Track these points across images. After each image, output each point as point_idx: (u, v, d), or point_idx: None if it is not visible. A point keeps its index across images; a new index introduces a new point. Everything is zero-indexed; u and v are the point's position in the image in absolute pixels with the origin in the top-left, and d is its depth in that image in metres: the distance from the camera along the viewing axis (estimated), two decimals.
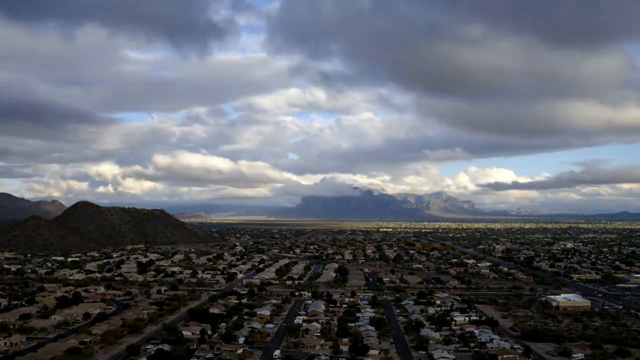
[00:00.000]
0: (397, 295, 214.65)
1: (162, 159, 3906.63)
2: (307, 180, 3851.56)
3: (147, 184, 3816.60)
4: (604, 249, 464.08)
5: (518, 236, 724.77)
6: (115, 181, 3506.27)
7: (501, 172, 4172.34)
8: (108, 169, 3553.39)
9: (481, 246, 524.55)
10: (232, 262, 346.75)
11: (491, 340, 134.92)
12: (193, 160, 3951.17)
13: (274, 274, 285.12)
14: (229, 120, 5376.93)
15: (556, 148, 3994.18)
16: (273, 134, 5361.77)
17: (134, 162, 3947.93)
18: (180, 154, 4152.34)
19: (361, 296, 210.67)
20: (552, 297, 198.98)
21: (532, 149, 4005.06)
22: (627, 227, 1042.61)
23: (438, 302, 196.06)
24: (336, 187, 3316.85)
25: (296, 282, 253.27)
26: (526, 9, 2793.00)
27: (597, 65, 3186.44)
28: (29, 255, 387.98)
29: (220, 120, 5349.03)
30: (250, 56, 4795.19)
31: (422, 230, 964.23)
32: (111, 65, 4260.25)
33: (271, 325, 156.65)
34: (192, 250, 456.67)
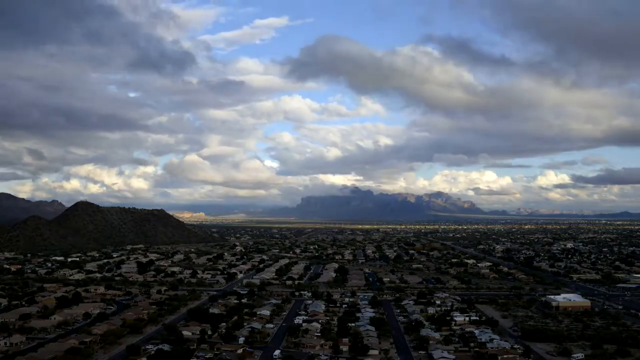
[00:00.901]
0: (397, 295, 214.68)
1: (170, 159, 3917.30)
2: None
3: (148, 183, 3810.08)
4: (604, 249, 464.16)
5: (518, 236, 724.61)
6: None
7: (501, 171, 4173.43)
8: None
9: (481, 246, 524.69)
10: (232, 262, 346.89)
11: (491, 340, 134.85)
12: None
13: (274, 274, 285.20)
14: None
15: (557, 150, 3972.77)
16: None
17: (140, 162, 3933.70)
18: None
19: (361, 296, 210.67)
20: (552, 297, 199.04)
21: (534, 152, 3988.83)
22: (627, 227, 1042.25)
23: (438, 302, 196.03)
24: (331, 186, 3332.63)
25: (296, 282, 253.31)
26: None
27: None
28: (29, 255, 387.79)
29: None
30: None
31: (422, 230, 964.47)
32: None
33: (271, 325, 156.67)
34: (192, 250, 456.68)
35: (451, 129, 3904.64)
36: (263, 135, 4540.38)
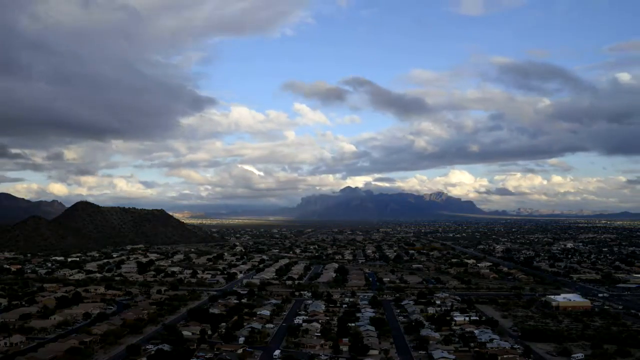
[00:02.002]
0: (397, 295, 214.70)
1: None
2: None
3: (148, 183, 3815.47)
4: (604, 249, 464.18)
5: (518, 236, 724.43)
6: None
7: (501, 170, 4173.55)
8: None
9: (481, 246, 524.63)
10: (232, 262, 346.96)
11: (491, 340, 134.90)
12: None
13: (274, 274, 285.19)
14: None
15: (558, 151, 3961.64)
16: None
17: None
18: None
19: (361, 296, 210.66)
20: (552, 297, 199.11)
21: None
22: (627, 227, 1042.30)
23: (438, 302, 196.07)
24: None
25: (296, 282, 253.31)
26: None
27: None
28: (29, 255, 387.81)
29: None
30: None
31: (422, 230, 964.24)
32: None
33: (271, 325, 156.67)
34: (192, 250, 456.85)
35: None
36: None
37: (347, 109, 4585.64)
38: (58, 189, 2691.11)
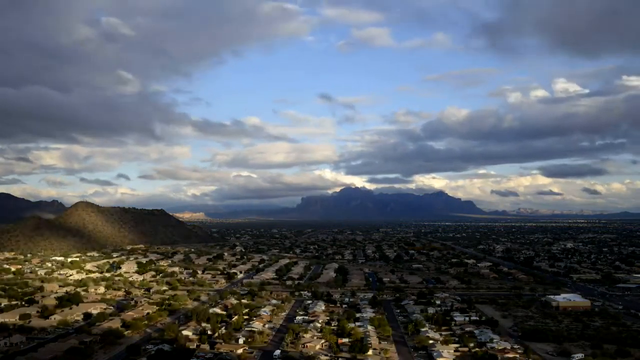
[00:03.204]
0: (397, 295, 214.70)
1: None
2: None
3: (149, 183, 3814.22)
4: (604, 249, 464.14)
5: (518, 236, 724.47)
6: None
7: (501, 171, 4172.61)
8: None
9: (481, 246, 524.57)
10: (232, 262, 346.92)
11: (491, 340, 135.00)
12: None
13: (274, 274, 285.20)
14: None
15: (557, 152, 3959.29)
16: None
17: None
18: None
19: (361, 296, 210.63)
20: (552, 297, 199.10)
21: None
22: (627, 227, 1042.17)
23: (438, 302, 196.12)
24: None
25: (296, 282, 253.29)
26: None
27: None
28: (29, 255, 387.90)
29: None
30: None
31: (422, 230, 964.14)
32: None
33: (271, 325, 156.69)
34: (192, 250, 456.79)
35: None
36: None
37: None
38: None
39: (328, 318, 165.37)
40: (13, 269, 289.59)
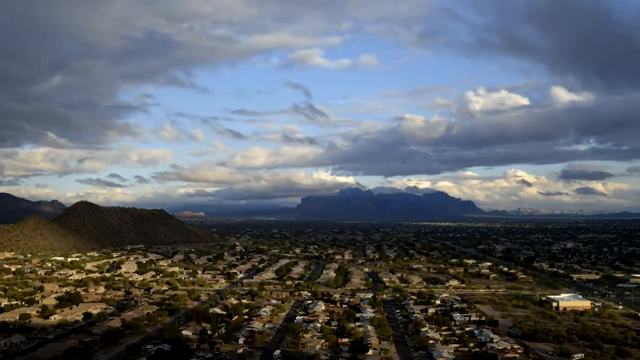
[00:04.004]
0: (397, 295, 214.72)
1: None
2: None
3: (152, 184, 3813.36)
4: (604, 249, 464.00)
5: (518, 236, 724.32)
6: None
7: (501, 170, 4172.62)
8: None
9: (481, 246, 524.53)
10: (232, 262, 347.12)
11: (491, 340, 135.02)
12: None
13: (274, 274, 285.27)
14: None
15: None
16: None
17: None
18: None
19: (361, 296, 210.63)
20: (552, 297, 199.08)
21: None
22: (627, 227, 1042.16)
23: (438, 302, 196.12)
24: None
25: (296, 282, 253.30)
26: None
27: None
28: (29, 255, 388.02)
29: None
30: None
31: (422, 230, 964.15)
32: None
33: (271, 325, 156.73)
34: (192, 250, 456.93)
35: None
36: None
37: None
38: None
39: (328, 318, 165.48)
40: (13, 269, 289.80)
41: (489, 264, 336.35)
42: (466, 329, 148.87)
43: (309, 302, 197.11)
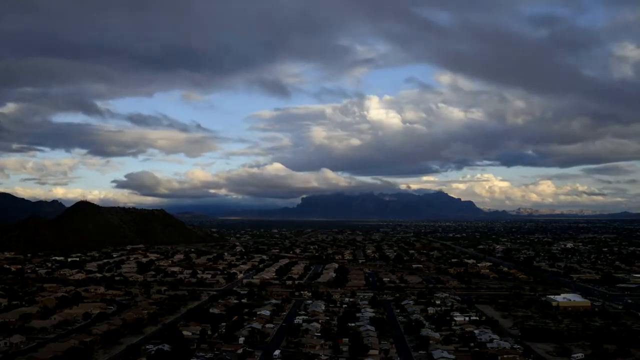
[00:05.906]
0: (397, 295, 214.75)
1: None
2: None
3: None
4: (604, 249, 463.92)
5: (518, 236, 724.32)
6: None
7: (501, 170, 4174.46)
8: None
9: (481, 246, 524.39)
10: (232, 262, 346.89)
11: (491, 340, 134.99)
12: None
13: (274, 274, 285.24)
14: None
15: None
16: None
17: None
18: None
19: (361, 296, 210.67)
20: (552, 297, 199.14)
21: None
22: (627, 227, 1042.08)
23: (438, 302, 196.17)
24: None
25: (296, 282, 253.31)
26: None
27: None
28: (29, 255, 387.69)
29: None
30: None
31: (422, 230, 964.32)
32: None
33: (271, 325, 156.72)
34: (192, 250, 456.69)
35: None
36: None
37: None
38: None
39: (328, 318, 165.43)
40: (13, 269, 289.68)
41: (488, 264, 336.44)
42: (466, 329, 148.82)
43: (309, 302, 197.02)
